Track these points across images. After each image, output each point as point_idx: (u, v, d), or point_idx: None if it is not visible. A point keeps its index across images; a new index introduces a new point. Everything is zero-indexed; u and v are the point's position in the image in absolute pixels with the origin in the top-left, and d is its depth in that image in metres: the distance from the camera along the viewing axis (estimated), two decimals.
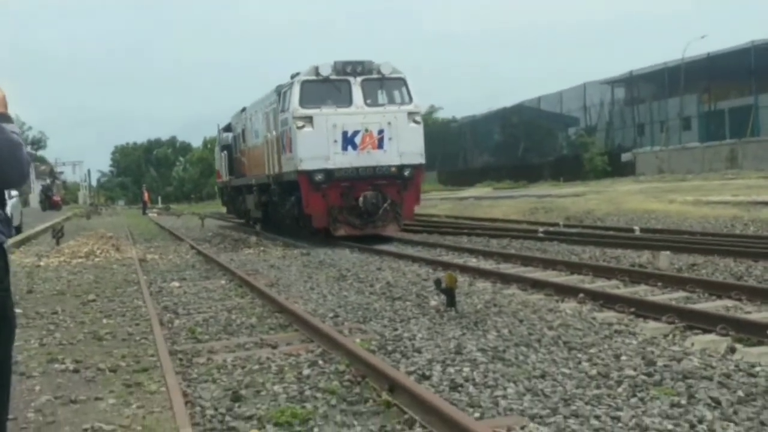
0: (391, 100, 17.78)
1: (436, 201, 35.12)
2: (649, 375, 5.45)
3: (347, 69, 17.47)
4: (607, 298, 8.33)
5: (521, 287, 9.77)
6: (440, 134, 69.57)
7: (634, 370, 5.60)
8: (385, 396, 5.09)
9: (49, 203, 51.31)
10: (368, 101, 17.51)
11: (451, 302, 8.37)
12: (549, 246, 14.84)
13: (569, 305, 8.38)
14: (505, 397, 5.08)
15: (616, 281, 9.92)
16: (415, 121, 17.73)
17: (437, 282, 8.63)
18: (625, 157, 47.38)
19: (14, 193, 23.90)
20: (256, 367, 6.22)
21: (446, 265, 12.01)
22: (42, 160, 78.25)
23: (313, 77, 17.40)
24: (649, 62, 49.29)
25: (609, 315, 7.75)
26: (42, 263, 15.26)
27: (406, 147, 17.45)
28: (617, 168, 46.44)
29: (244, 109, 24.40)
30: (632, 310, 7.73)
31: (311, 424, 4.74)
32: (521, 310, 8.17)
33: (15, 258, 16.33)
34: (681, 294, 8.69)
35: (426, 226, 21.09)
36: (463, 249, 14.90)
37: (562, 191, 33.43)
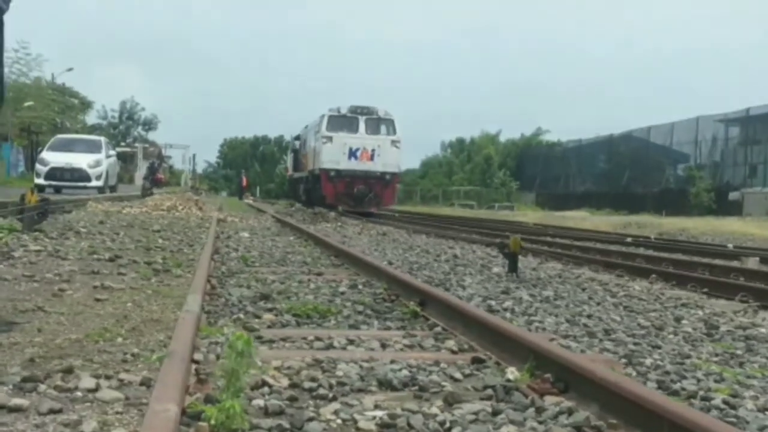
0: (384, 132, 26.84)
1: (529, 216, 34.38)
2: (709, 335, 4.98)
3: (357, 110, 26.80)
4: (679, 279, 7.80)
5: (592, 268, 9.28)
6: (542, 156, 68.36)
7: (693, 329, 5.13)
8: (412, 306, 4.79)
9: (152, 180, 52.37)
10: (368, 131, 26.64)
11: (513, 267, 7.96)
12: (635, 251, 14.17)
13: (639, 284, 7.87)
14: (540, 322, 4.72)
15: (697, 275, 9.30)
16: (396, 146, 26.87)
17: (501, 245, 8.24)
18: (733, 195, 45.44)
19: (112, 152, 24.61)
20: (296, 284, 6.03)
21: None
22: (153, 144, 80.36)
23: (336, 113, 27.00)
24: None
25: (680, 293, 7.21)
26: (124, 211, 15.51)
27: (388, 161, 26.65)
28: (723, 206, 44.52)
29: (307, 126, 33.60)
30: (705, 290, 7.21)
31: (329, 317, 4.49)
32: (587, 282, 7.72)
33: (100, 206, 16.70)
34: (762, 285, 8.05)
35: (512, 229, 20.57)
36: (542, 242, 14.40)
37: (661, 220, 32.21)
